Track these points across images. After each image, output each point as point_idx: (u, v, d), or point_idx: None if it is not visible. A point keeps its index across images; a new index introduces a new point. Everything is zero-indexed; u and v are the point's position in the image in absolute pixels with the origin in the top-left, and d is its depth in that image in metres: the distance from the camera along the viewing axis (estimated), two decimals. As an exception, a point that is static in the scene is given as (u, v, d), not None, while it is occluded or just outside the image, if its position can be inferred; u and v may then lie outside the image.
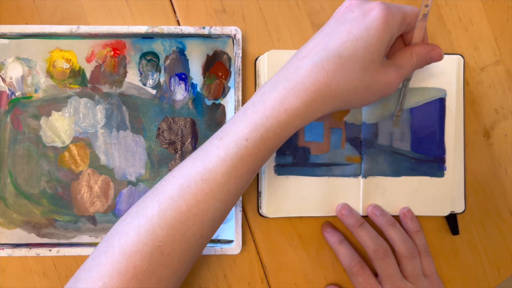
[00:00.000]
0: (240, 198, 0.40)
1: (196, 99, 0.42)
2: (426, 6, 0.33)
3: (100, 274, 0.29)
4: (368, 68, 0.32)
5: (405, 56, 0.35)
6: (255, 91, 0.42)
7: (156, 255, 0.30)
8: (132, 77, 0.41)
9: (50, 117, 0.41)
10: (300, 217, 0.43)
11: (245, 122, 0.31)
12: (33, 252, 0.40)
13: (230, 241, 0.41)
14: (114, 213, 0.41)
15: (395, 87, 0.34)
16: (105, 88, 0.41)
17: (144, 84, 0.42)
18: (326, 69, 0.31)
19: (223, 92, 0.42)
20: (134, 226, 0.30)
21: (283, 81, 0.32)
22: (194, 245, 0.31)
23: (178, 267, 0.31)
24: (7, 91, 0.41)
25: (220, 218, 0.32)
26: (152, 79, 0.42)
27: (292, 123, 0.31)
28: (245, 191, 0.41)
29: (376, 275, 0.40)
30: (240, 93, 0.40)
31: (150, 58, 0.42)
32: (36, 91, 0.41)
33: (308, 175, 0.41)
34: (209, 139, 0.33)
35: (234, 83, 0.41)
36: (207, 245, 0.40)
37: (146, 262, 0.29)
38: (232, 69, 0.42)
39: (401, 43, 0.37)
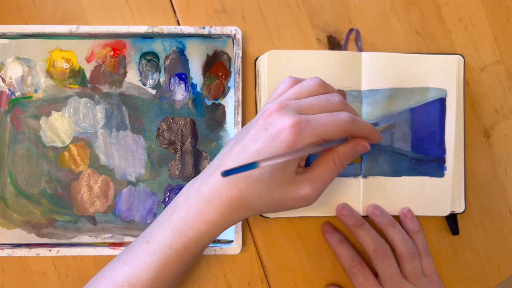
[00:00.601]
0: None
1: (196, 99, 0.42)
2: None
3: None
4: (276, 188, 0.32)
5: (325, 164, 0.34)
6: (255, 91, 0.42)
7: None
8: (132, 77, 0.41)
9: (50, 117, 0.41)
10: (300, 217, 0.43)
11: (170, 229, 0.33)
12: (33, 252, 0.40)
13: (230, 241, 0.41)
14: (114, 213, 0.41)
15: (312, 200, 0.34)
16: (105, 88, 0.41)
17: (144, 84, 0.42)
18: (239, 186, 0.32)
19: (223, 92, 0.42)
20: None
21: (203, 186, 0.33)
22: None
23: None
24: (7, 91, 0.41)
25: None
26: (152, 79, 0.42)
27: (212, 233, 0.33)
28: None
29: (376, 275, 0.40)
30: (240, 93, 0.40)
31: (150, 58, 0.42)
32: (36, 91, 0.41)
33: (308, 175, 0.41)
34: (138, 237, 0.35)
35: (234, 83, 0.41)
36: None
37: None
38: (232, 69, 0.42)
39: None
